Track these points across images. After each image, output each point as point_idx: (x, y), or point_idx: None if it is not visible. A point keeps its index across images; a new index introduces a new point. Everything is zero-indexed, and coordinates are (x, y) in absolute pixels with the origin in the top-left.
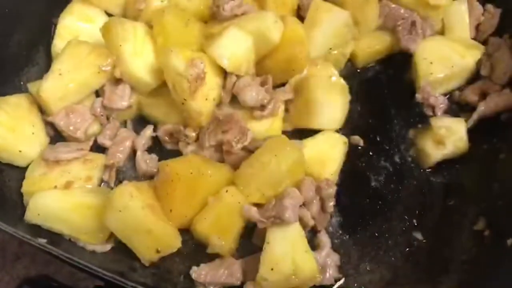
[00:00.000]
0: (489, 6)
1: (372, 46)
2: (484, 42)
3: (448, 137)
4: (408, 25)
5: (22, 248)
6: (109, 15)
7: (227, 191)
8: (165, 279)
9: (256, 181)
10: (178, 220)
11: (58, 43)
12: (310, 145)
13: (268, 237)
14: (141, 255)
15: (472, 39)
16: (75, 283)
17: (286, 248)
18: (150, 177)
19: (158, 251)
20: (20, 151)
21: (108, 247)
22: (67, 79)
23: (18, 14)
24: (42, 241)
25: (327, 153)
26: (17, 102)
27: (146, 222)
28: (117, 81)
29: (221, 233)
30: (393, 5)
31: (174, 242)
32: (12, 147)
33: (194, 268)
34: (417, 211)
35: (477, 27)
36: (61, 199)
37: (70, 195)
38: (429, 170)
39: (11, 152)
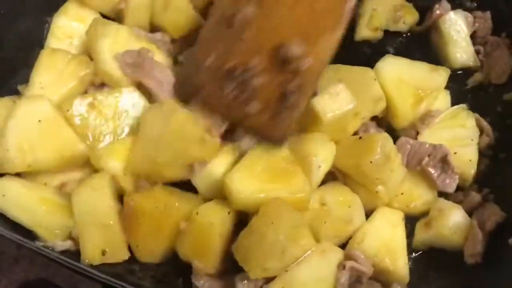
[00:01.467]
0: (477, 12)
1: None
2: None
3: (436, 220)
4: (438, 162)
5: (20, 251)
6: (104, 16)
7: (197, 213)
8: (164, 282)
9: (256, 256)
10: (145, 254)
11: (51, 43)
12: (372, 231)
13: (293, 270)
14: (85, 250)
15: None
16: (73, 286)
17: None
18: None
19: (103, 253)
20: None
21: (67, 244)
22: (49, 92)
23: (13, 15)
24: (39, 244)
25: (393, 238)
26: (9, 104)
27: (110, 216)
28: (101, 84)
29: (201, 256)
30: (412, 141)
31: (123, 252)
32: None
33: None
34: None
35: (475, 35)
36: (31, 189)
37: (41, 189)
38: None
39: None
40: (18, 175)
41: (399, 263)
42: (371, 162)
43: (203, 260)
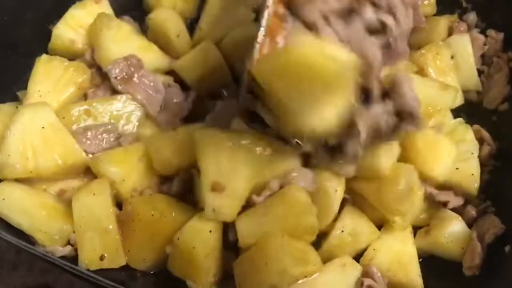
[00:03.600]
0: (491, 32)
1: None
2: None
3: (435, 228)
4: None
5: (19, 257)
6: None
7: (178, 239)
8: None
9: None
10: (136, 261)
11: (61, 28)
12: (382, 247)
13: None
14: (83, 254)
15: (478, 69)
16: None
17: None
18: None
19: (101, 258)
20: None
21: (66, 250)
22: (48, 100)
23: (16, 22)
24: (39, 249)
25: (403, 252)
26: (11, 110)
27: (109, 221)
28: (98, 86)
29: (192, 276)
30: (431, 190)
31: (121, 257)
32: None
33: None
34: None
35: (483, 55)
36: (32, 194)
37: (41, 194)
38: None
39: None
40: (16, 181)
41: (411, 275)
42: (394, 192)
43: (195, 280)
